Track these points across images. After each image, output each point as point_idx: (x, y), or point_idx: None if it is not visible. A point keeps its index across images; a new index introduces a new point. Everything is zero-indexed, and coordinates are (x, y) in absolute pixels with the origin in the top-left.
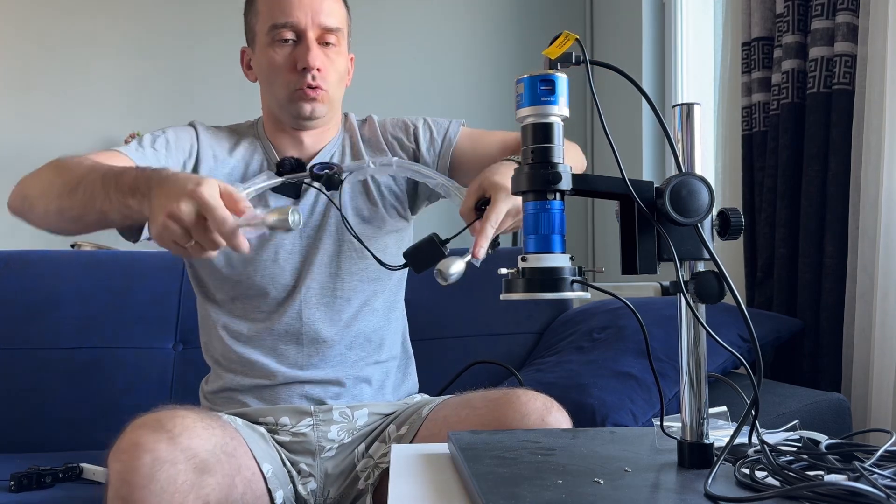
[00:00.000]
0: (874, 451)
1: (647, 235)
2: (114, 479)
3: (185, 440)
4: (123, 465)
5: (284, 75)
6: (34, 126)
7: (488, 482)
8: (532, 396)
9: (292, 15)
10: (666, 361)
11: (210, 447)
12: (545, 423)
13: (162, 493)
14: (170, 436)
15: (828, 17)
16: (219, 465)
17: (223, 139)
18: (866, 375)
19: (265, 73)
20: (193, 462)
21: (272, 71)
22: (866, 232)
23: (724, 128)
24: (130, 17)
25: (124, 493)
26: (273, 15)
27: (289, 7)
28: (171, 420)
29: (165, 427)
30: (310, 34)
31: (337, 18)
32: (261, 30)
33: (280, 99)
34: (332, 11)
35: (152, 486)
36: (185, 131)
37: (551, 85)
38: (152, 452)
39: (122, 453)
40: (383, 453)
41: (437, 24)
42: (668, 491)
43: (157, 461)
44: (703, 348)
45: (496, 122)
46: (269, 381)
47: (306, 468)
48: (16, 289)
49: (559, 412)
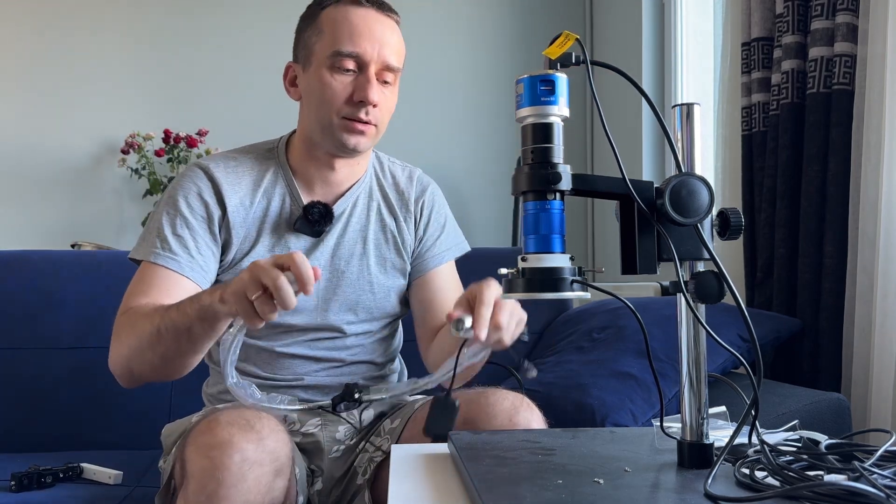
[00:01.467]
0: (874, 451)
1: (647, 235)
2: (200, 474)
3: (271, 443)
4: (213, 462)
5: (338, 103)
6: (34, 126)
7: (488, 482)
8: (501, 396)
9: (360, 45)
10: (666, 361)
11: (287, 451)
12: (513, 422)
13: (248, 493)
14: (258, 437)
15: (828, 18)
16: (288, 469)
17: (243, 175)
18: (866, 375)
19: (317, 95)
20: (276, 465)
21: (326, 96)
22: (866, 232)
23: (724, 128)
24: (130, 17)
25: (211, 490)
26: (340, 40)
27: (358, 37)
28: (259, 421)
29: (255, 428)
30: (372, 68)
31: (399, 58)
32: (321, 51)
33: (326, 125)
34: (397, 50)
35: (241, 486)
36: (194, 186)
37: (551, 85)
38: (243, 452)
39: (211, 449)
40: (377, 446)
41: (437, 23)
42: (667, 491)
43: (247, 461)
44: (703, 348)
45: (496, 121)
46: (271, 382)
47: (317, 469)
48: (16, 289)
49: (528, 411)
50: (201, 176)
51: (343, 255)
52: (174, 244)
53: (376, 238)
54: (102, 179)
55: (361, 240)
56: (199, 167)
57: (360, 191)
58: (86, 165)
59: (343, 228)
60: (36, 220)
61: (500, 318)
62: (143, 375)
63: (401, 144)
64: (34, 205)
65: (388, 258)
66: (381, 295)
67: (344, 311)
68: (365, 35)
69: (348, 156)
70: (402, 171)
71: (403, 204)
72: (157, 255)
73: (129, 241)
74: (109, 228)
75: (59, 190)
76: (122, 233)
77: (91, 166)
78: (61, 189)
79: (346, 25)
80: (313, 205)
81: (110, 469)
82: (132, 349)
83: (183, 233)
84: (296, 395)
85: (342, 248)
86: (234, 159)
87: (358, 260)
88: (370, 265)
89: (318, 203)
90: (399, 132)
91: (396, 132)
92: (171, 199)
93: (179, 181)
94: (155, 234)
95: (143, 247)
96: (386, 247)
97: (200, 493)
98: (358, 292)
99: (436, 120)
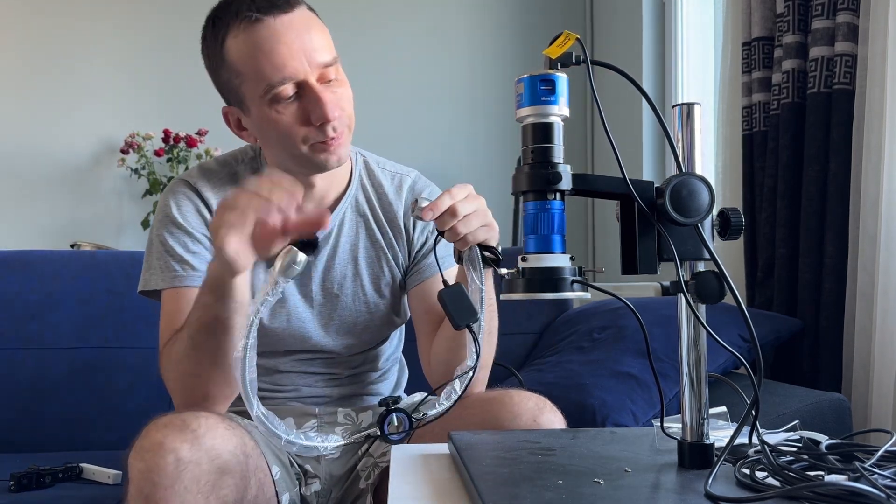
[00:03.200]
0: (874, 452)
1: (647, 235)
2: (137, 477)
3: (208, 440)
4: (147, 465)
5: (298, 132)
6: (34, 126)
7: (488, 482)
8: (525, 397)
9: (287, 67)
10: (666, 361)
11: (231, 448)
12: (537, 423)
13: (185, 493)
14: (194, 436)
15: (828, 17)
16: (238, 466)
17: (227, 191)
18: (866, 375)
19: (272, 135)
20: (216, 463)
21: (282, 131)
22: (866, 232)
23: (724, 128)
24: (130, 17)
25: (147, 492)
26: (265, 74)
27: (280, 61)
28: (196, 420)
29: (190, 427)
30: (311, 81)
31: (329, 49)
32: (251, 92)
33: (297, 156)
34: (322, 45)
35: (176, 486)
36: (189, 203)
37: (551, 85)
38: (176, 452)
39: (146, 452)
40: (383, 452)
41: (437, 24)
42: (668, 491)
43: (182, 461)
44: (703, 348)
45: (496, 121)
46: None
47: (311, 470)
48: (16, 289)
49: (552, 412)
50: (190, 193)
51: (335, 279)
52: (195, 262)
53: (368, 257)
54: (102, 179)
55: (352, 260)
56: (185, 184)
57: (347, 206)
58: (85, 165)
59: (333, 249)
60: (36, 220)
61: (457, 206)
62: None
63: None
64: (34, 205)
65: (381, 277)
66: (379, 315)
67: (342, 335)
68: (284, 53)
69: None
70: (391, 182)
71: (392, 220)
72: (181, 279)
73: (128, 242)
74: (109, 228)
75: (59, 190)
76: (122, 233)
77: (91, 166)
78: (61, 189)
79: (259, 55)
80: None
81: (109, 469)
82: (187, 375)
83: (197, 249)
84: (292, 404)
85: (334, 271)
86: (216, 174)
87: (351, 282)
88: (364, 286)
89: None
90: (398, 132)
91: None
92: (169, 221)
93: (170, 200)
94: (168, 258)
95: (160, 275)
96: (378, 266)
97: (138, 497)
98: (355, 315)
99: (435, 120)
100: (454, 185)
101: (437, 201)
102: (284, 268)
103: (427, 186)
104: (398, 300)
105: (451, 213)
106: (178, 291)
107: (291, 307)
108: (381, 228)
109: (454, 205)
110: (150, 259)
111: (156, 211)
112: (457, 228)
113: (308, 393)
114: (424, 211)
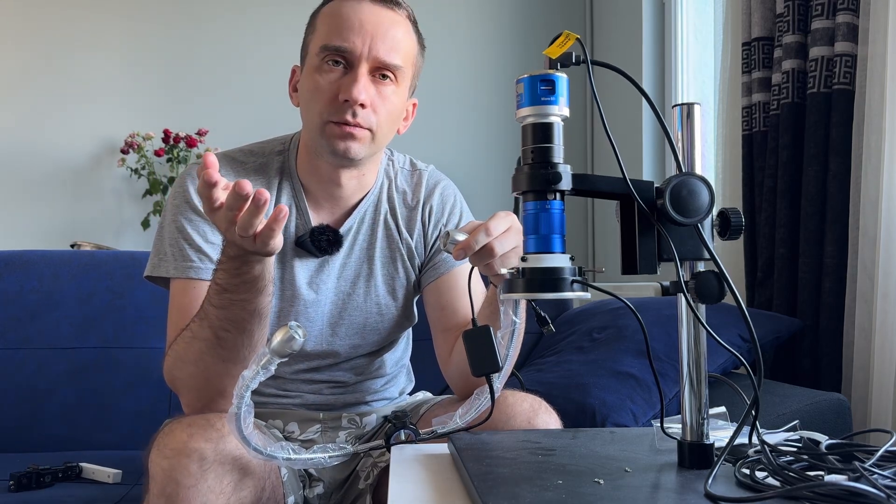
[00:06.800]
0: (874, 452)
1: (647, 235)
2: (160, 476)
3: (232, 441)
4: (171, 463)
5: (324, 100)
6: (34, 126)
7: (488, 482)
8: (520, 398)
9: (348, 39)
10: (666, 361)
11: None
12: (532, 424)
13: (209, 492)
14: (219, 436)
15: (828, 17)
16: (258, 467)
17: (253, 179)
18: (866, 375)
19: (306, 97)
20: (239, 464)
21: (312, 96)
22: (866, 232)
23: (724, 128)
24: (130, 17)
25: (170, 491)
26: (328, 35)
27: (347, 30)
28: (220, 420)
29: (215, 427)
30: (363, 64)
31: (401, 55)
32: (313, 49)
33: (315, 129)
34: (396, 45)
35: (200, 486)
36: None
37: (551, 85)
38: (201, 452)
39: (170, 451)
40: (381, 452)
41: (437, 24)
42: (668, 491)
43: (206, 461)
44: (703, 348)
45: (496, 121)
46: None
47: (315, 473)
48: (16, 289)
49: (547, 413)
50: None
51: (349, 277)
52: (213, 254)
53: (383, 257)
54: (102, 179)
55: (367, 259)
56: None
57: (368, 206)
58: (85, 165)
59: (349, 248)
60: (36, 220)
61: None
62: (228, 389)
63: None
64: (34, 205)
65: (396, 278)
66: (390, 317)
67: (351, 336)
68: (355, 28)
69: (348, 165)
70: (409, 180)
71: (408, 217)
72: (197, 270)
73: (128, 242)
74: (109, 228)
75: (59, 190)
76: (122, 233)
77: (91, 166)
78: (61, 189)
79: (335, 19)
80: (322, 230)
81: (109, 468)
82: (205, 371)
83: (216, 239)
84: (297, 410)
85: (348, 269)
86: (239, 162)
87: (364, 282)
88: (377, 286)
89: (327, 229)
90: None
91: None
92: (188, 207)
93: (188, 184)
94: (184, 246)
95: (173, 262)
96: (393, 266)
97: (160, 495)
98: (365, 315)
99: (435, 120)
100: (494, 215)
101: (471, 241)
102: (279, 347)
103: (441, 181)
104: (410, 302)
105: (489, 252)
106: (190, 283)
107: (302, 305)
108: (398, 227)
109: (491, 243)
110: (160, 244)
111: (170, 195)
112: (493, 266)
113: (313, 400)
114: (457, 250)
